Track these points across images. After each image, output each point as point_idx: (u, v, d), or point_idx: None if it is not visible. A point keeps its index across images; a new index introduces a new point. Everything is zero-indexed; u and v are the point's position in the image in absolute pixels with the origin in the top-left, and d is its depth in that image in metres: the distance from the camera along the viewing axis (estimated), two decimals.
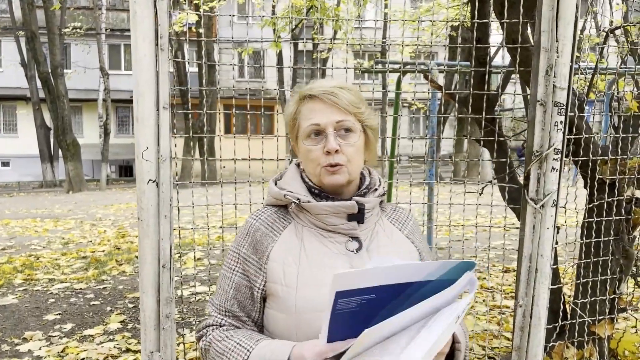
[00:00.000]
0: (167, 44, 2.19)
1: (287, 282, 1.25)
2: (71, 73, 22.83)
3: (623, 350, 2.80)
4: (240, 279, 1.31)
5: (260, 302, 1.31)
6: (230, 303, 1.31)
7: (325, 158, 1.27)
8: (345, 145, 1.28)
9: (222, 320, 1.31)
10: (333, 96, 1.28)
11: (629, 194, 2.58)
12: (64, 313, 4.10)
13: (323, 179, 1.29)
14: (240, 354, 1.20)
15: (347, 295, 0.99)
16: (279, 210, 1.37)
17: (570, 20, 2.08)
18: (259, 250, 1.30)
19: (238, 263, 1.33)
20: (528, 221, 2.19)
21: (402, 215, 1.45)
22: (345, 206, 1.28)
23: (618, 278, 2.68)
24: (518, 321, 2.27)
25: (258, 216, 1.36)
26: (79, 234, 8.21)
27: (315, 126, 1.28)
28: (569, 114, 2.10)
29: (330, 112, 1.28)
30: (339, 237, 1.30)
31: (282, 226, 1.33)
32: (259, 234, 1.31)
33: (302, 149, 1.32)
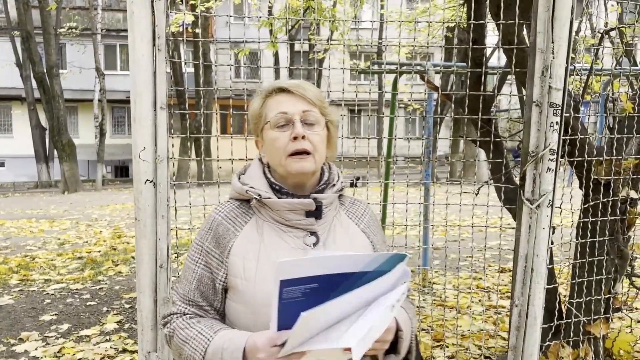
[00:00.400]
0: (165, 44, 2.19)
1: (246, 276, 1.30)
2: (66, 73, 22.76)
3: (618, 350, 2.82)
4: (203, 271, 1.36)
5: (222, 293, 1.36)
6: (193, 293, 1.36)
7: (293, 144, 1.31)
8: (311, 134, 1.33)
9: (186, 309, 1.36)
10: (301, 89, 1.35)
11: (624, 194, 2.59)
12: (60, 313, 4.09)
13: (289, 167, 1.32)
14: (201, 342, 1.26)
15: (291, 284, 1.05)
16: (242, 204, 1.41)
17: (565, 21, 2.09)
18: (221, 244, 1.34)
19: (201, 256, 1.37)
20: (524, 221, 2.21)
21: (359, 209, 1.49)
22: (303, 204, 1.32)
23: (613, 278, 2.69)
24: (514, 321, 2.27)
25: (221, 210, 1.40)
26: (74, 234, 8.19)
27: (283, 114, 1.33)
28: (564, 115, 2.12)
29: (298, 103, 1.34)
30: (297, 232, 1.34)
31: (244, 221, 1.37)
32: (222, 228, 1.36)
33: (269, 138, 1.35)
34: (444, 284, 3.00)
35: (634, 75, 3.02)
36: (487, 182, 2.53)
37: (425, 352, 2.95)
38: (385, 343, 1.24)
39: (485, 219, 2.45)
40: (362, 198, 1.64)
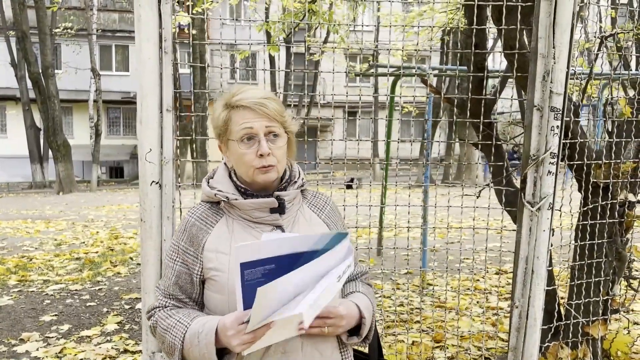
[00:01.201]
0: (171, 46, 2.21)
1: (220, 267, 1.44)
2: (61, 74, 22.68)
3: (616, 351, 2.85)
4: (181, 267, 1.50)
5: (200, 285, 1.50)
6: (172, 288, 1.50)
7: (259, 160, 1.44)
8: (274, 149, 1.46)
9: (166, 302, 1.51)
10: (263, 107, 1.46)
11: (622, 197, 2.63)
12: (60, 314, 4.10)
13: (257, 178, 1.46)
14: (180, 329, 1.41)
15: (250, 266, 1.20)
16: (212, 205, 1.54)
17: (567, 27, 2.12)
18: (195, 242, 1.48)
19: (178, 254, 1.51)
20: (524, 224, 2.23)
21: (320, 201, 1.64)
22: (267, 202, 1.47)
23: (611, 280, 2.73)
24: (514, 322, 2.30)
25: (193, 213, 1.54)
26: (71, 235, 8.17)
27: (249, 129, 1.45)
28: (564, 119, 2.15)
29: (261, 119, 1.46)
30: (264, 226, 1.48)
31: (215, 220, 1.51)
32: (195, 229, 1.50)
33: (236, 153, 1.48)
34: (445, 286, 3.02)
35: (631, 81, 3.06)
36: (489, 184, 2.56)
37: (425, 352, 2.97)
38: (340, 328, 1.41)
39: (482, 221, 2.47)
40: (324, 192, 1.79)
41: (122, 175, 25.74)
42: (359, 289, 1.59)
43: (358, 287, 1.60)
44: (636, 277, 2.82)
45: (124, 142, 26.35)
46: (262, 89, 1.64)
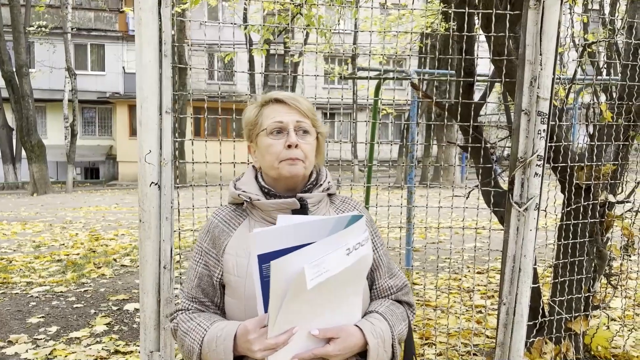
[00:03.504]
0: (171, 50, 2.25)
1: (238, 272, 1.41)
2: (35, 72, 22.27)
3: (596, 346, 2.97)
4: (203, 269, 1.48)
5: (220, 290, 1.47)
6: (195, 291, 1.48)
7: (286, 152, 1.42)
8: (303, 143, 1.44)
9: (189, 305, 1.49)
10: (295, 101, 1.47)
11: (603, 198, 2.75)
12: (47, 316, 4.06)
13: (282, 170, 1.42)
14: (199, 333, 1.38)
15: (268, 259, 1.12)
16: (237, 207, 1.52)
17: (553, 35, 2.22)
18: (217, 245, 1.46)
19: (201, 256, 1.49)
20: (512, 223, 2.32)
21: (348, 206, 1.59)
22: (287, 203, 1.43)
23: (592, 277, 2.84)
24: (502, 318, 2.39)
25: (218, 214, 1.52)
26: (49, 236, 8.06)
27: (279, 123, 1.44)
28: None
29: (292, 113, 1.46)
30: None
31: (238, 222, 1.49)
32: (217, 230, 1.48)
33: (263, 144, 1.46)
34: (429, 285, 3.10)
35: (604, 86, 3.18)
36: (478, 186, 2.65)
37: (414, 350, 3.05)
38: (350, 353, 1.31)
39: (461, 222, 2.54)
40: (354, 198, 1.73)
41: (98, 177, 25.37)
42: (379, 308, 1.46)
43: (379, 307, 1.47)
44: (615, 274, 2.95)
45: (100, 143, 25.99)
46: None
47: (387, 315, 1.44)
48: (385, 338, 1.38)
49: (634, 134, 2.76)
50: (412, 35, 10.19)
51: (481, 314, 3.82)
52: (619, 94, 2.72)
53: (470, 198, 2.62)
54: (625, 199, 2.85)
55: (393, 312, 1.47)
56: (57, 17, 22.17)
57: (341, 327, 1.31)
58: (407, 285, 1.60)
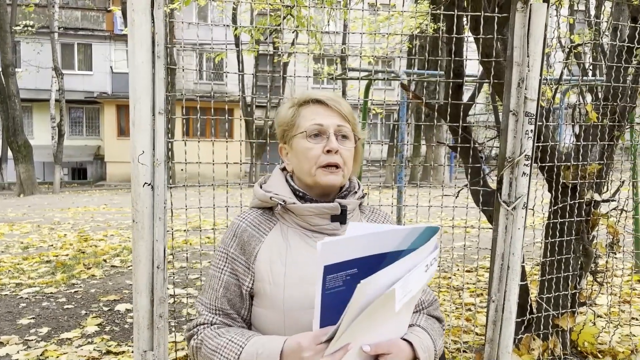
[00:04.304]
0: (164, 51, 2.26)
1: (275, 280, 1.29)
2: (21, 72, 22.06)
3: (583, 342, 3.02)
4: (230, 277, 1.35)
5: (249, 300, 1.35)
6: (220, 301, 1.34)
7: (325, 157, 1.33)
8: (343, 149, 1.35)
9: (213, 319, 1.34)
10: (337, 103, 1.38)
11: (589, 197, 2.80)
12: (37, 317, 4.04)
13: (319, 178, 1.34)
14: (232, 350, 1.23)
15: (333, 270, 1.04)
16: (264, 212, 1.41)
17: (540, 37, 2.26)
18: (247, 250, 1.34)
19: (227, 263, 1.36)
20: (501, 222, 2.37)
21: (379, 217, 1.52)
22: (329, 207, 1.34)
23: (579, 275, 2.90)
24: (491, 315, 2.43)
25: (245, 218, 1.39)
26: (37, 238, 8.00)
27: (319, 126, 1.35)
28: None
29: (333, 116, 1.37)
30: (322, 237, 1.32)
31: (268, 227, 1.37)
32: (246, 235, 1.36)
33: (301, 147, 1.36)
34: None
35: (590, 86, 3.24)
36: (467, 185, 2.69)
37: None
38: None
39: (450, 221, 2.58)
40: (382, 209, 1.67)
41: (85, 177, 25.18)
42: (419, 322, 1.39)
43: (419, 321, 1.40)
44: (601, 271, 3.00)
45: (87, 143, 25.80)
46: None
47: (429, 330, 1.37)
48: (431, 353, 1.31)
49: (618, 134, 2.82)
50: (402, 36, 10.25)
51: (470, 312, 3.87)
52: (604, 95, 2.77)
53: (460, 197, 2.66)
54: (611, 198, 2.90)
55: (432, 327, 1.41)
56: (43, 16, 21.97)
57: (392, 342, 1.21)
58: (436, 300, 1.54)
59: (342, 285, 1.07)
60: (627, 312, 3.40)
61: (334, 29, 21.43)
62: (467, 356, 3.01)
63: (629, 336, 3.17)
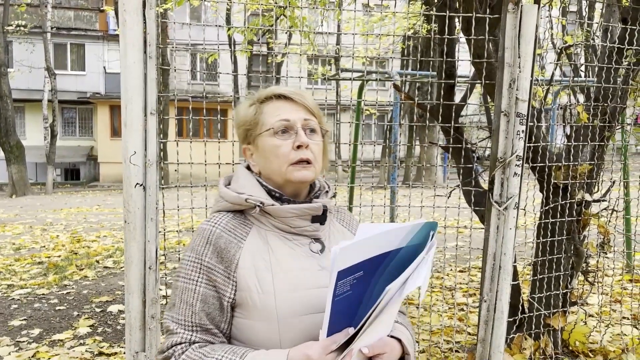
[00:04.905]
0: (155, 51, 2.26)
1: (263, 289, 1.20)
2: (14, 72, 21.94)
3: (574, 341, 3.04)
4: (206, 289, 1.22)
5: (230, 312, 1.24)
6: (198, 316, 1.21)
7: (296, 153, 1.26)
8: (312, 143, 1.29)
9: (192, 336, 1.21)
10: (301, 97, 1.32)
11: (580, 197, 2.82)
12: (29, 318, 4.03)
13: (291, 175, 1.27)
14: None
15: (344, 275, 1.01)
16: (235, 215, 1.30)
17: (530, 38, 2.28)
18: (226, 258, 1.23)
19: (201, 273, 1.23)
20: (492, 222, 2.38)
21: (346, 216, 1.48)
22: (311, 208, 1.27)
23: (570, 274, 2.91)
24: (483, 315, 2.44)
25: (217, 223, 1.27)
26: (29, 239, 7.96)
27: (285, 121, 1.28)
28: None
29: (299, 110, 1.31)
30: (302, 239, 1.29)
31: (245, 232, 1.27)
32: (223, 241, 1.24)
33: (268, 146, 1.29)
34: None
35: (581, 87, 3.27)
36: (459, 185, 2.70)
37: None
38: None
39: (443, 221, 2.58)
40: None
41: (78, 178, 25.05)
42: (398, 319, 1.36)
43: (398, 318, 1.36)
44: (592, 271, 3.02)
45: (80, 144, 25.67)
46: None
47: (406, 325, 1.36)
48: (413, 347, 1.31)
49: (609, 134, 2.84)
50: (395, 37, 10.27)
51: (463, 312, 3.89)
52: (595, 96, 2.79)
53: (452, 198, 2.67)
54: (601, 198, 2.92)
55: (407, 323, 1.39)
56: (36, 16, 21.85)
57: (384, 342, 1.19)
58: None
59: (350, 289, 1.04)
60: (618, 312, 3.42)
61: (327, 29, 21.46)
62: (460, 356, 3.02)
63: (620, 335, 3.19)
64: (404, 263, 1.10)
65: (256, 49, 14.59)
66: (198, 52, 23.78)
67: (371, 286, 1.09)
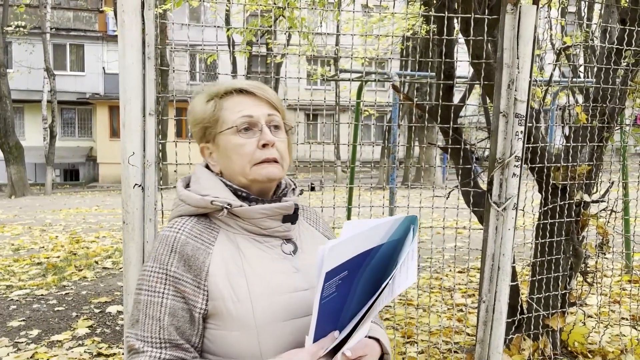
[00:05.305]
0: (154, 52, 2.26)
1: (238, 296, 1.13)
2: (13, 73, 21.94)
3: (573, 342, 3.04)
4: (175, 301, 1.12)
5: (201, 324, 1.15)
6: (167, 331, 1.11)
7: (261, 152, 1.19)
8: (277, 141, 1.22)
9: (162, 354, 1.10)
10: (263, 91, 1.24)
11: (578, 197, 2.82)
12: (28, 319, 4.03)
13: (256, 175, 1.20)
14: None
15: (331, 276, 0.96)
16: (199, 219, 1.21)
17: (529, 39, 2.28)
18: (194, 266, 1.14)
19: (167, 284, 1.13)
20: (491, 223, 2.38)
21: (313, 214, 1.42)
22: (283, 207, 1.21)
23: (569, 275, 2.91)
24: (482, 315, 2.44)
25: (181, 228, 1.18)
26: (28, 239, 7.95)
27: (248, 118, 1.20)
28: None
29: (262, 105, 1.23)
30: (273, 240, 1.22)
31: (212, 236, 1.19)
32: (189, 248, 1.15)
33: (231, 145, 1.21)
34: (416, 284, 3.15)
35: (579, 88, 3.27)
36: (458, 186, 2.70)
37: (397, 348, 3.10)
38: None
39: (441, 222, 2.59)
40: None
41: (77, 178, 25.04)
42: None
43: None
44: (591, 272, 3.02)
45: (79, 144, 25.67)
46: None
47: (379, 324, 1.33)
48: (390, 346, 1.28)
49: (608, 135, 2.84)
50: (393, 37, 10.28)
51: (462, 312, 3.89)
52: (594, 97, 2.80)
53: (451, 198, 2.67)
54: (600, 199, 2.92)
55: (378, 320, 1.36)
56: (35, 16, 21.85)
57: (365, 343, 1.17)
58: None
59: (335, 291, 1.00)
60: (617, 312, 3.43)
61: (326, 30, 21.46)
62: (458, 356, 3.02)
63: (619, 336, 3.19)
64: (384, 260, 1.08)
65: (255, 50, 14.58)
66: (197, 53, 23.79)
67: (354, 286, 1.05)
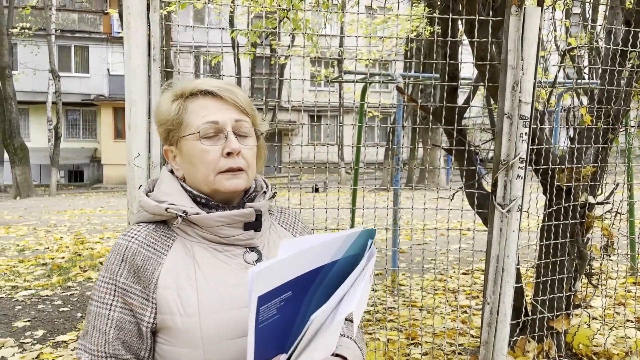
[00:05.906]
0: (159, 54, 2.27)
1: (186, 310, 1.07)
2: (18, 74, 22.06)
3: (578, 344, 3.03)
4: (122, 314, 1.08)
5: (150, 338, 1.10)
6: (112, 346, 1.07)
7: (225, 161, 1.12)
8: (244, 149, 1.15)
9: None
10: (231, 93, 1.16)
11: (583, 199, 2.81)
12: (33, 320, 4.05)
13: (220, 185, 1.13)
14: None
15: (267, 299, 0.89)
16: (157, 226, 1.15)
17: (534, 41, 2.28)
18: (143, 277, 1.08)
19: (115, 296, 1.08)
20: (495, 225, 2.38)
21: (290, 218, 1.35)
22: (242, 214, 1.13)
23: (573, 277, 2.91)
24: (486, 317, 2.44)
25: (133, 236, 1.12)
26: (33, 240, 7.99)
27: (213, 124, 1.13)
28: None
29: (229, 110, 1.15)
30: (235, 249, 1.15)
31: (166, 245, 1.12)
32: (139, 258, 1.09)
33: (194, 151, 1.14)
34: (421, 286, 3.15)
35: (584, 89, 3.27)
36: (462, 188, 2.70)
37: (401, 349, 3.10)
38: None
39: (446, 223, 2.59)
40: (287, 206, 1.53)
41: (82, 179, 25.13)
42: (344, 331, 1.23)
43: (344, 330, 1.23)
44: (596, 273, 3.01)
45: (84, 146, 25.77)
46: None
47: (354, 338, 1.24)
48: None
49: (612, 137, 2.83)
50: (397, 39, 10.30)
51: (466, 314, 3.88)
52: (599, 98, 2.79)
53: (455, 200, 2.67)
54: (605, 200, 2.92)
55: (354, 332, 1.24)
56: (40, 18, 21.96)
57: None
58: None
59: (277, 313, 0.93)
60: (621, 315, 3.42)
61: (330, 32, 21.48)
62: (463, 358, 3.02)
63: (624, 338, 3.19)
64: (341, 276, 1.01)
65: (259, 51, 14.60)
66: (202, 55, 23.86)
67: (304, 306, 0.99)
